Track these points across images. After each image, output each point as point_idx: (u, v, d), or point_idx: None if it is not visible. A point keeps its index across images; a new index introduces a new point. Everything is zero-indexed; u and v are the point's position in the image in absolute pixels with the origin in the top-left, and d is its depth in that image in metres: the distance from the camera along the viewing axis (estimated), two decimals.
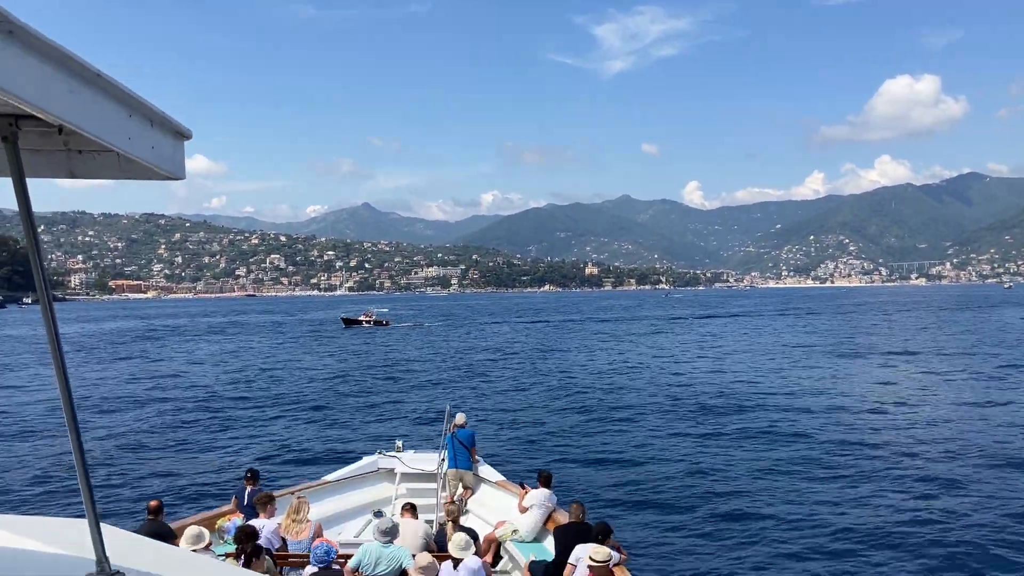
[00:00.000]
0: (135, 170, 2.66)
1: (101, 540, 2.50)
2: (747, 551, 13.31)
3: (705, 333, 76.12)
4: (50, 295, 2.35)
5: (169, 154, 2.62)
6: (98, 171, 2.73)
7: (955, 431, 23.14)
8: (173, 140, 2.66)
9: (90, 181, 4.31)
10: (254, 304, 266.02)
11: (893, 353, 48.72)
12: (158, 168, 2.57)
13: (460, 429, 13.35)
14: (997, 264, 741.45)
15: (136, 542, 3.24)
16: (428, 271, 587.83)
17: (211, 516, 10.80)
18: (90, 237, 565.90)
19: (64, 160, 2.71)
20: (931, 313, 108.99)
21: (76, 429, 2.43)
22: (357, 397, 33.63)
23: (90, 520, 2.50)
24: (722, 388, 34.36)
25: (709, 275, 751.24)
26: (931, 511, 15.37)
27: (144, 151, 2.44)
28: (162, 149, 2.56)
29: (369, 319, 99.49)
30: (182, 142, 2.74)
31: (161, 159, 2.56)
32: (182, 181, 2.74)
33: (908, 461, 19.63)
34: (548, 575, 9.45)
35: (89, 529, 2.51)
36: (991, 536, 13.72)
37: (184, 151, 2.76)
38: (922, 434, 22.90)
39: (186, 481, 18.85)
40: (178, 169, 2.70)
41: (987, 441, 21.63)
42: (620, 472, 19.24)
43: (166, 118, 2.56)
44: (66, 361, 2.37)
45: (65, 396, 2.39)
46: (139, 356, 58.19)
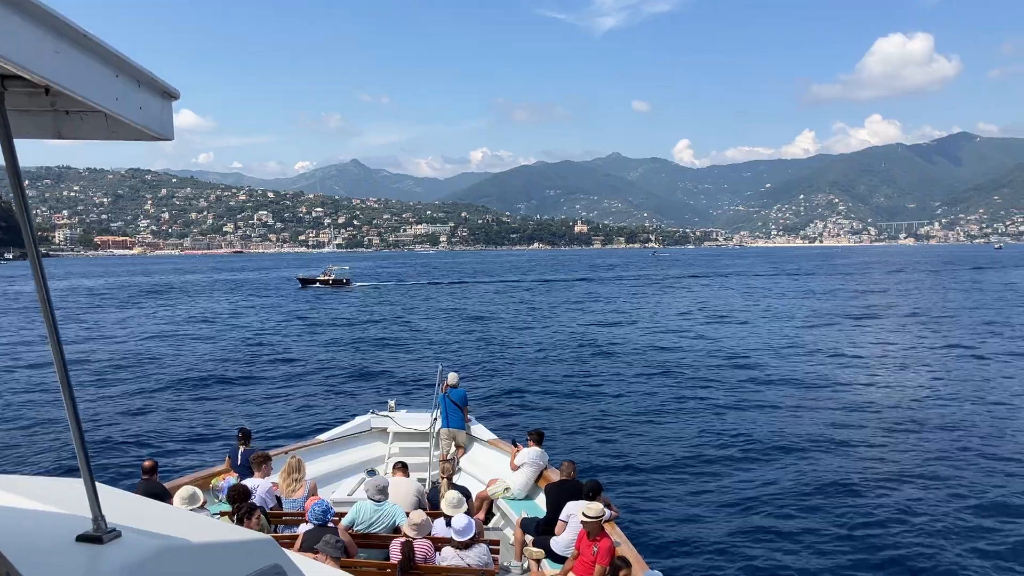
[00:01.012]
0: (123, 131, 2.65)
1: (97, 498, 2.51)
2: (736, 513, 13.53)
3: (694, 298, 76.32)
4: (40, 258, 2.33)
5: (157, 114, 2.61)
6: (86, 132, 2.72)
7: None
8: (161, 100, 2.65)
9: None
10: (236, 261, 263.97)
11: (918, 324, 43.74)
12: (146, 129, 2.56)
13: (453, 389, 13.41)
14: (985, 224, 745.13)
15: (132, 501, 3.23)
16: (417, 228, 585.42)
17: (205, 476, 10.83)
18: (75, 192, 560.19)
19: (51, 121, 2.70)
20: (947, 274, 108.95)
21: (69, 387, 2.42)
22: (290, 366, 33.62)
23: (85, 478, 2.50)
24: (713, 351, 34.64)
25: (699, 234, 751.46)
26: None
27: (132, 112, 2.43)
28: (150, 109, 2.55)
29: (328, 278, 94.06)
30: (170, 102, 2.71)
31: (149, 119, 2.55)
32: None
33: (923, 434, 19.88)
34: (539, 532, 9.56)
35: (84, 488, 2.51)
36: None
37: (172, 111, 2.74)
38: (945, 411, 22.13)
39: (177, 443, 18.93)
40: (166, 130, 2.69)
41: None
42: (611, 432, 19.47)
43: (154, 78, 2.54)
44: (57, 319, 2.36)
45: (57, 355, 2.39)
46: (123, 314, 58.08)
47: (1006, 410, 21.01)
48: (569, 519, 9.02)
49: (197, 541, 2.68)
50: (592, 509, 8.30)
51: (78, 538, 2.47)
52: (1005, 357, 30.36)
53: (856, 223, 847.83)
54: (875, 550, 11.72)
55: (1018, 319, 44.60)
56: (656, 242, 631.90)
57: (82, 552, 2.42)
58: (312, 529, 8.18)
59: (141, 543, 2.51)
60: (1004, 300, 59.71)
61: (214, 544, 2.78)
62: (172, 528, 2.71)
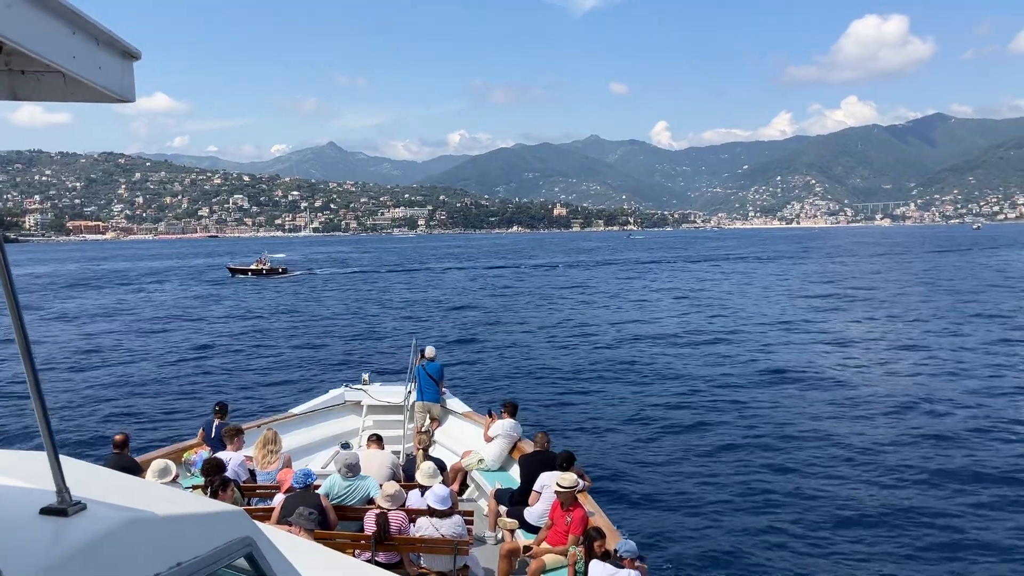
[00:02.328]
0: (82, 92, 2.55)
1: (60, 469, 2.46)
2: (709, 481, 13.71)
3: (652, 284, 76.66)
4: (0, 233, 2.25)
5: (117, 75, 2.53)
6: (43, 92, 2.62)
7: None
8: (121, 60, 2.56)
9: (47, 118, 4.03)
10: (209, 245, 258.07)
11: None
12: (106, 89, 2.48)
13: (429, 362, 13.41)
14: (960, 205, 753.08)
15: (99, 473, 3.19)
16: (395, 212, 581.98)
17: (177, 449, 10.78)
18: (47, 176, 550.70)
19: (6, 80, 2.59)
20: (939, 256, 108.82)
21: (31, 359, 2.37)
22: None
23: (48, 450, 2.45)
24: (690, 331, 34.89)
25: (677, 216, 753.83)
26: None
27: (91, 71, 2.36)
28: (110, 69, 2.47)
29: (263, 267, 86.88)
30: (131, 63, 2.63)
31: (109, 80, 2.47)
32: (144, 119, 2.64)
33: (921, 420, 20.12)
34: (513, 503, 9.62)
35: (48, 461, 2.45)
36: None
37: (133, 72, 2.64)
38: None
39: (148, 418, 18.85)
40: (127, 91, 2.60)
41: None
42: (584, 404, 19.66)
43: (113, 37, 2.46)
44: (16, 286, 2.30)
45: (17, 323, 2.32)
46: (93, 298, 57.46)
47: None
48: (543, 490, 9.08)
49: (165, 513, 2.63)
50: (566, 479, 8.35)
51: (42, 511, 2.42)
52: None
53: (833, 204, 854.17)
54: (851, 535, 11.91)
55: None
56: (635, 224, 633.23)
57: (46, 525, 2.38)
58: (292, 495, 8.19)
59: (107, 515, 2.47)
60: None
61: (183, 516, 2.74)
62: (139, 501, 2.66)
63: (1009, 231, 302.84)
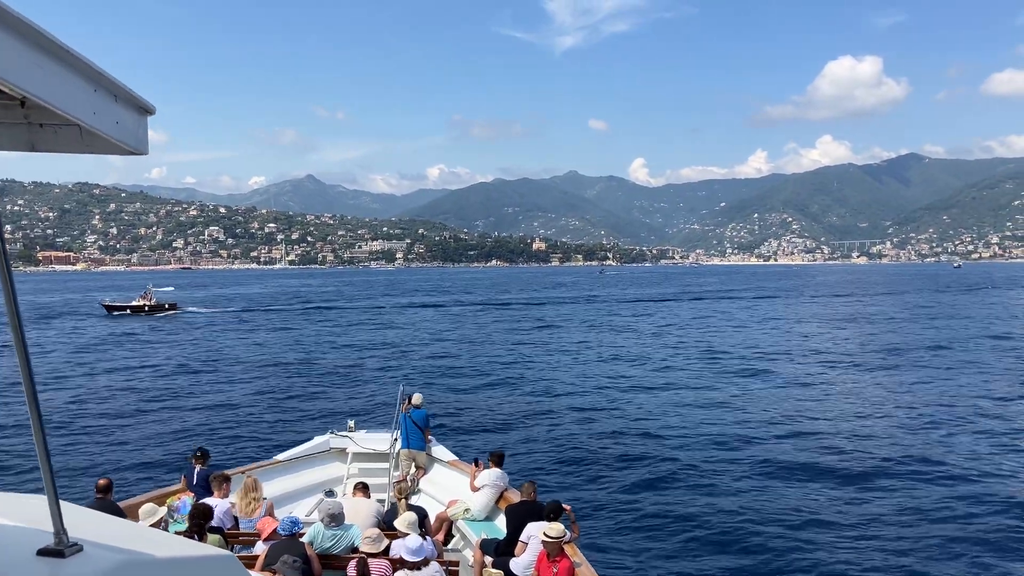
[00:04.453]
0: (98, 144, 2.63)
1: (59, 511, 2.48)
2: (699, 533, 13.65)
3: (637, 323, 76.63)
4: (10, 269, 2.26)
5: (133, 129, 2.62)
6: (60, 145, 2.70)
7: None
8: (136, 115, 2.66)
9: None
10: (175, 277, 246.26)
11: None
12: (122, 143, 2.57)
13: (415, 409, 13.36)
14: (935, 244, 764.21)
15: (94, 517, 3.22)
16: (373, 245, 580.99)
17: (161, 495, 10.63)
18: (19, 206, 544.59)
19: (25, 133, 2.67)
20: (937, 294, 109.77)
21: (36, 402, 2.39)
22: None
23: (48, 493, 2.47)
24: (671, 367, 34.97)
25: (655, 252, 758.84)
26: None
27: (108, 126, 2.44)
28: (126, 124, 2.56)
29: (145, 303, 76.48)
30: (145, 117, 2.73)
31: (125, 134, 2.56)
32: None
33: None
34: (499, 553, 9.57)
35: (47, 502, 2.48)
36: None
37: (147, 126, 2.75)
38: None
39: (131, 461, 18.54)
40: (141, 145, 2.70)
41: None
42: (572, 453, 19.46)
43: (131, 93, 2.56)
44: (26, 335, 2.31)
45: (25, 371, 2.34)
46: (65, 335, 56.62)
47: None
48: (530, 540, 9.05)
49: (159, 556, 2.68)
50: (553, 529, 8.35)
51: (39, 552, 2.45)
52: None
53: (810, 241, 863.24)
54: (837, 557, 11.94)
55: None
56: (613, 260, 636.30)
57: (44, 566, 2.40)
58: (277, 543, 8.12)
59: (103, 557, 2.51)
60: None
61: (176, 560, 2.78)
62: (134, 543, 2.71)
63: (987, 269, 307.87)
